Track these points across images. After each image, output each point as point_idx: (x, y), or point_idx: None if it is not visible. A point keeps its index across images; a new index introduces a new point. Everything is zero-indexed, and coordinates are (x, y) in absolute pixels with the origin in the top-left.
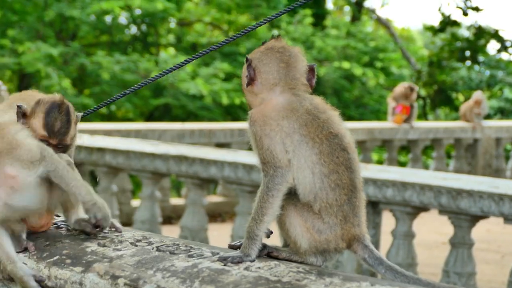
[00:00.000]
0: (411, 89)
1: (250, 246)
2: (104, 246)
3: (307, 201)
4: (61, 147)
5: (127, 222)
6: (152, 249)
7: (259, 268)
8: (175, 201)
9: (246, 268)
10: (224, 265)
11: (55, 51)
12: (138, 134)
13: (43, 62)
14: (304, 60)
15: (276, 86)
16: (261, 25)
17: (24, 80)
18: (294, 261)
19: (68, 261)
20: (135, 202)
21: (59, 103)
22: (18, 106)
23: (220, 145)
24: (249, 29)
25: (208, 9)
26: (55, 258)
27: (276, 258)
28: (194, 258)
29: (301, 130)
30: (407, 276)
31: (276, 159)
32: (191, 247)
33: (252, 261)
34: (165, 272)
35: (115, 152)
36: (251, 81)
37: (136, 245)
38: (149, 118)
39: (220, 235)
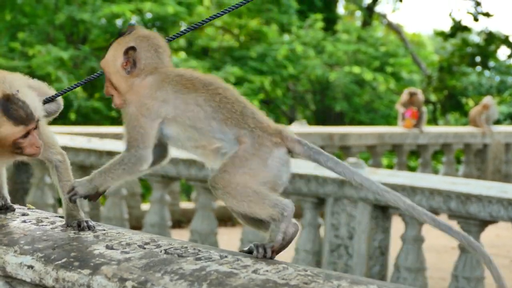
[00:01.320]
0: (411, 94)
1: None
2: (112, 248)
3: (215, 146)
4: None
5: (137, 225)
6: (160, 251)
7: (267, 271)
8: (184, 205)
9: (255, 271)
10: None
11: (65, 54)
12: None
13: (53, 65)
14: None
15: (148, 69)
16: (217, 16)
17: None
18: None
19: (76, 263)
20: (145, 206)
21: (5, 98)
22: None
23: None
24: (205, 21)
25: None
26: (62, 260)
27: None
28: (202, 261)
29: (177, 88)
30: (348, 167)
31: (142, 140)
32: (199, 250)
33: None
34: (173, 274)
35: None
36: (132, 68)
37: (144, 248)
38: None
39: (230, 239)
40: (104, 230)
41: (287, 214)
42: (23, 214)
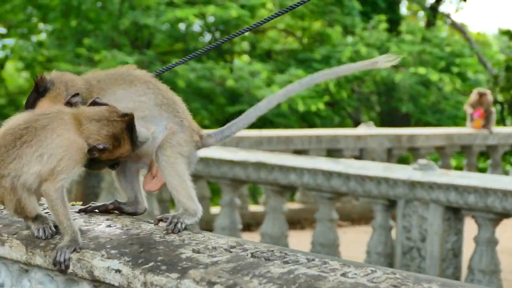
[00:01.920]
0: (480, 95)
1: None
2: (198, 252)
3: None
4: None
5: (206, 228)
6: (247, 255)
7: (355, 274)
8: (253, 208)
9: (343, 274)
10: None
11: (130, 59)
12: None
13: None
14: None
15: None
16: (250, 29)
17: None
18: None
19: (163, 267)
20: (214, 209)
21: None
22: None
23: (297, 152)
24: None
25: (282, 16)
26: (150, 264)
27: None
28: (289, 264)
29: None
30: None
31: None
32: (286, 253)
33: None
34: (262, 278)
35: None
36: None
37: (231, 252)
38: (225, 125)
39: (299, 242)
40: (190, 233)
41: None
42: (108, 219)
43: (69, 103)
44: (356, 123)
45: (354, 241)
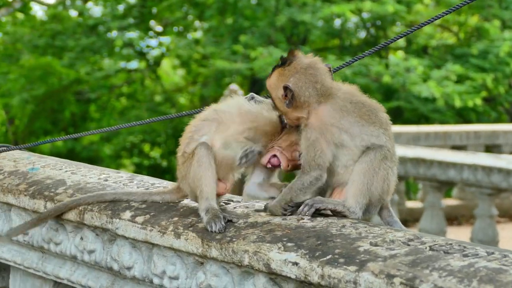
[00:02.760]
0: None
1: None
2: (376, 245)
3: None
4: None
5: None
6: (425, 248)
7: None
8: (411, 204)
9: None
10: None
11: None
12: None
13: None
14: (323, 66)
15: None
16: (401, 37)
17: (255, 85)
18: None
19: (341, 260)
20: None
21: None
22: None
23: (455, 148)
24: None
25: (437, 10)
26: (327, 257)
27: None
28: (469, 258)
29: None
30: None
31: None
32: (464, 247)
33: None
34: (441, 271)
35: None
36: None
37: (409, 245)
38: None
39: (457, 238)
40: (366, 227)
41: None
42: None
43: None
44: None
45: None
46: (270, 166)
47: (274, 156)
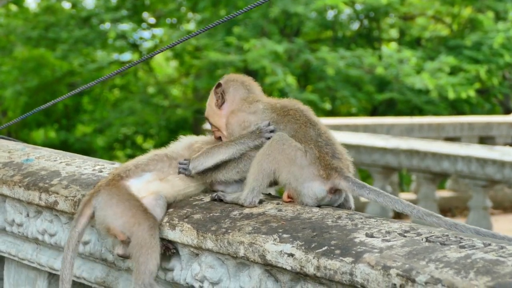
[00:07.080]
0: None
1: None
2: (372, 236)
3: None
4: None
5: None
6: (422, 239)
7: None
8: (404, 195)
9: None
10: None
11: (280, 47)
12: (366, 128)
13: (268, 59)
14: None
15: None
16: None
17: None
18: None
19: (337, 251)
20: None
21: None
22: None
23: (449, 139)
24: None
25: (431, 2)
26: (323, 248)
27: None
28: (466, 249)
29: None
30: (389, 196)
31: None
32: (461, 238)
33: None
34: (438, 262)
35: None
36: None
37: (405, 236)
38: (373, 113)
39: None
40: (362, 218)
41: None
42: (278, 203)
43: None
44: (507, 111)
45: (507, 230)
46: None
47: None
